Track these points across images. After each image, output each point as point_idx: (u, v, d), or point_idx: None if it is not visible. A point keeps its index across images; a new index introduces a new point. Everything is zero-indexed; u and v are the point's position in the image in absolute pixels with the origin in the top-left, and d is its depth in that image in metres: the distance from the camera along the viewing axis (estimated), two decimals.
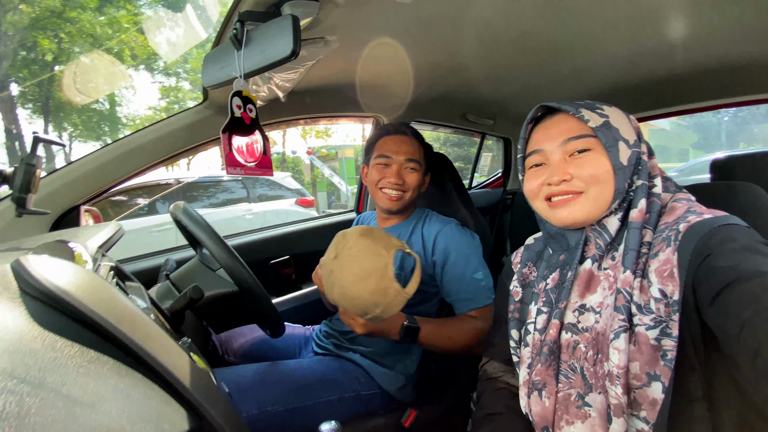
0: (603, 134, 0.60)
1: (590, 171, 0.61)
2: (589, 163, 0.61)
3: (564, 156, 0.63)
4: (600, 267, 0.63)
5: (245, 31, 0.61)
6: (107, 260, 0.59)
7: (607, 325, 0.58)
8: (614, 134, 0.61)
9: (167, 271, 0.96)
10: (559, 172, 0.62)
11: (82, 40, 9.76)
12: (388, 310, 0.77)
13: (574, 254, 0.65)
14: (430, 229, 1.08)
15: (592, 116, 0.62)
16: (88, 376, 0.31)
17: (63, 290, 0.34)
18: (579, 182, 0.61)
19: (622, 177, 0.60)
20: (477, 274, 1.01)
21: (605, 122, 0.61)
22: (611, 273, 0.61)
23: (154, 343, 0.39)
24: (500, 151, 2.36)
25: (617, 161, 0.60)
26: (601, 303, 0.61)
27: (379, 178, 1.07)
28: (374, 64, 1.09)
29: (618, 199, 0.61)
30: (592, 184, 0.61)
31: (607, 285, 0.61)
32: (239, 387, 0.87)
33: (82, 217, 1.03)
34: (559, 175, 0.62)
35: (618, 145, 0.60)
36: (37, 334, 0.32)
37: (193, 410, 0.41)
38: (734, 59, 1.14)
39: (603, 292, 0.61)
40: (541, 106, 0.67)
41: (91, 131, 11.69)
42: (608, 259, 0.62)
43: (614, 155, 0.60)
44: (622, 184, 0.60)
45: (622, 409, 0.54)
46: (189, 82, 12.98)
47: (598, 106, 0.64)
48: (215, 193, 5.02)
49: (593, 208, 0.61)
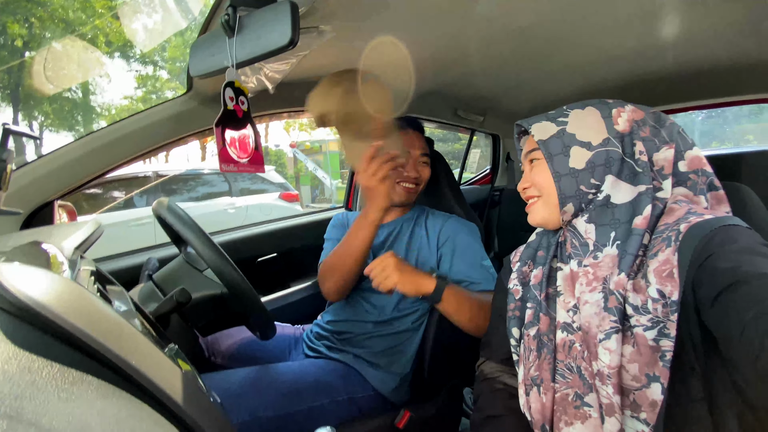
0: (544, 146, 0.66)
1: (536, 179, 0.68)
2: (536, 172, 0.69)
3: (528, 165, 0.72)
4: (580, 264, 0.63)
5: (238, 17, 0.57)
6: (87, 263, 0.55)
7: (591, 323, 0.58)
8: (565, 141, 0.65)
9: (150, 271, 0.91)
10: (523, 180, 0.72)
11: (53, 26, 9.33)
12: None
13: (551, 250, 0.70)
14: (434, 222, 1.10)
15: (545, 129, 0.67)
16: (70, 402, 0.28)
17: (39, 303, 0.30)
18: (534, 189, 0.70)
19: (571, 182, 0.64)
20: (485, 261, 1.04)
21: (559, 131, 0.66)
22: (591, 270, 0.61)
23: (143, 358, 0.36)
24: (488, 147, 2.36)
25: (563, 168, 0.64)
26: (579, 298, 0.61)
27: (396, 172, 1.08)
28: (367, 56, 1.06)
29: (569, 202, 0.64)
30: (541, 190, 0.68)
31: (585, 281, 0.61)
32: (229, 393, 0.84)
33: (56, 214, 0.97)
34: (522, 183, 0.72)
35: (569, 152, 0.64)
36: (11, 355, 0.28)
37: (185, 428, 0.38)
38: (726, 59, 1.16)
39: (580, 287, 0.61)
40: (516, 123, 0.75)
41: (63, 121, 11.26)
42: (590, 258, 0.62)
43: (559, 163, 0.64)
44: (573, 188, 0.64)
45: (614, 409, 0.54)
46: (167, 71, 12.61)
47: (564, 112, 0.68)
48: (195, 187, 4.88)
49: (546, 212, 0.68)
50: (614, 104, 0.66)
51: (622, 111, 0.65)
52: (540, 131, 0.67)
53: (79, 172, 0.96)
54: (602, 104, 0.67)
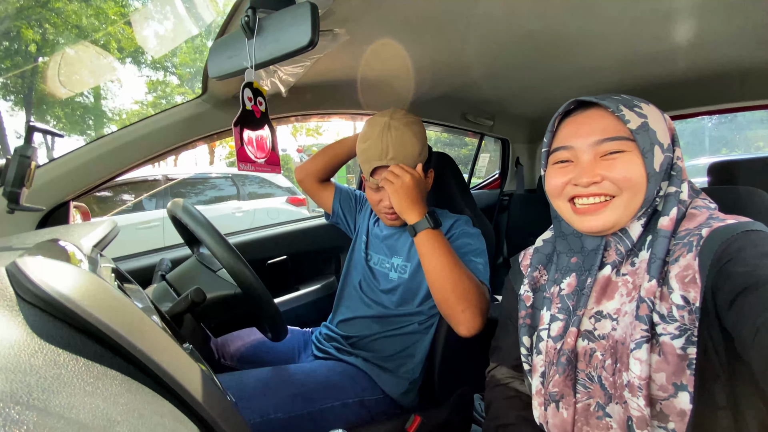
0: (641, 138, 0.56)
1: (624, 174, 0.57)
2: (623, 166, 0.57)
3: (595, 156, 0.59)
4: (618, 273, 0.60)
5: (257, 19, 0.58)
6: (106, 261, 0.55)
7: (626, 333, 0.56)
8: (651, 138, 0.57)
9: (163, 272, 0.92)
10: (588, 173, 0.58)
11: (67, 32, 9.51)
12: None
13: (593, 259, 0.62)
14: (444, 219, 1.05)
15: (631, 116, 0.57)
16: (96, 396, 0.28)
17: (66, 297, 0.31)
18: (610, 185, 0.58)
19: (654, 184, 0.57)
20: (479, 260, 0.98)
21: (644, 123, 0.57)
22: (630, 279, 0.59)
23: (165, 355, 0.36)
24: (497, 152, 2.35)
25: (651, 167, 0.57)
26: (618, 310, 0.59)
27: (377, 202, 1.04)
28: (378, 60, 1.06)
29: (646, 206, 0.58)
30: (624, 188, 0.57)
31: (625, 291, 0.59)
32: (240, 394, 0.84)
33: (72, 214, 0.98)
34: (588, 176, 0.58)
35: (654, 150, 0.57)
36: (37, 348, 0.28)
37: (206, 427, 0.37)
38: (738, 64, 1.15)
39: (621, 298, 0.59)
40: (573, 100, 0.63)
41: (74, 125, 11.44)
42: (627, 265, 0.60)
43: (649, 161, 0.57)
44: (653, 191, 0.57)
45: (646, 422, 0.53)
46: (177, 76, 12.79)
47: (636, 103, 0.59)
48: (204, 190, 4.92)
49: (623, 215, 0.58)
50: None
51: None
52: (633, 119, 0.57)
53: (94, 173, 0.97)
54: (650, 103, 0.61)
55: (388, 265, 1.09)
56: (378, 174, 0.98)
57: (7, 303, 0.30)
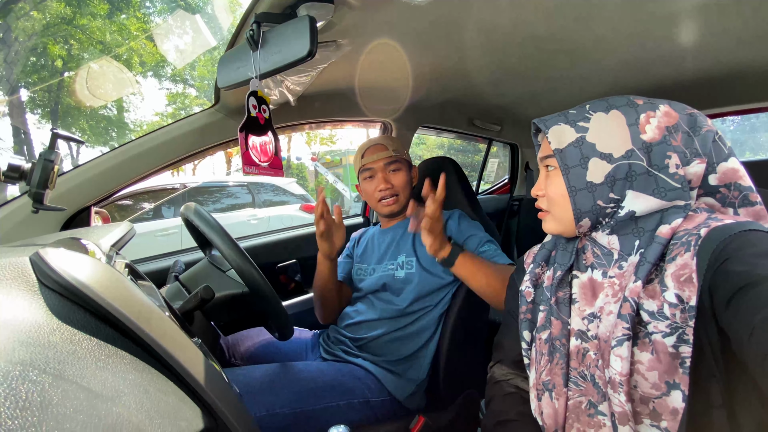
0: (561, 157, 0.60)
1: (549, 191, 0.63)
2: (551, 182, 0.63)
3: (544, 171, 0.65)
4: (605, 275, 0.62)
5: (261, 32, 0.62)
6: (121, 258, 0.59)
7: (609, 332, 0.57)
8: (584, 152, 0.59)
9: (176, 273, 0.96)
10: (537, 185, 0.66)
11: (91, 47, 9.92)
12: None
13: (565, 258, 0.67)
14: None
15: (562, 134, 0.61)
16: (106, 370, 0.31)
17: (83, 284, 0.34)
18: (544, 202, 0.65)
19: (587, 197, 0.60)
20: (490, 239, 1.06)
21: (578, 139, 0.60)
22: (617, 281, 0.60)
23: (170, 341, 0.39)
24: (506, 157, 2.36)
25: (579, 182, 0.60)
26: (602, 308, 0.60)
27: (372, 191, 1.13)
28: (384, 68, 1.10)
29: (584, 218, 0.61)
30: (551, 204, 0.63)
31: (611, 292, 0.60)
32: (248, 389, 0.86)
33: (93, 219, 1.04)
34: (536, 188, 0.66)
35: (588, 164, 0.59)
36: (55, 327, 0.31)
37: (207, 409, 0.40)
38: (744, 66, 1.13)
39: (605, 298, 0.60)
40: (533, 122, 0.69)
41: (98, 136, 11.85)
42: (615, 268, 0.61)
43: (578, 175, 0.60)
44: (589, 203, 0.60)
45: (627, 417, 0.53)
46: (195, 88, 13.14)
47: (586, 115, 0.62)
48: (220, 198, 5.04)
49: (560, 226, 0.63)
50: (644, 107, 0.60)
51: (652, 116, 0.59)
52: (557, 137, 0.61)
53: (114, 180, 1.03)
54: (629, 107, 0.61)
55: (392, 266, 1.11)
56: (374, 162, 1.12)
57: (30, 288, 0.34)
